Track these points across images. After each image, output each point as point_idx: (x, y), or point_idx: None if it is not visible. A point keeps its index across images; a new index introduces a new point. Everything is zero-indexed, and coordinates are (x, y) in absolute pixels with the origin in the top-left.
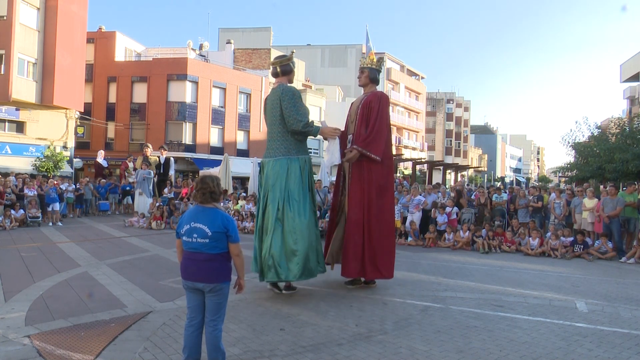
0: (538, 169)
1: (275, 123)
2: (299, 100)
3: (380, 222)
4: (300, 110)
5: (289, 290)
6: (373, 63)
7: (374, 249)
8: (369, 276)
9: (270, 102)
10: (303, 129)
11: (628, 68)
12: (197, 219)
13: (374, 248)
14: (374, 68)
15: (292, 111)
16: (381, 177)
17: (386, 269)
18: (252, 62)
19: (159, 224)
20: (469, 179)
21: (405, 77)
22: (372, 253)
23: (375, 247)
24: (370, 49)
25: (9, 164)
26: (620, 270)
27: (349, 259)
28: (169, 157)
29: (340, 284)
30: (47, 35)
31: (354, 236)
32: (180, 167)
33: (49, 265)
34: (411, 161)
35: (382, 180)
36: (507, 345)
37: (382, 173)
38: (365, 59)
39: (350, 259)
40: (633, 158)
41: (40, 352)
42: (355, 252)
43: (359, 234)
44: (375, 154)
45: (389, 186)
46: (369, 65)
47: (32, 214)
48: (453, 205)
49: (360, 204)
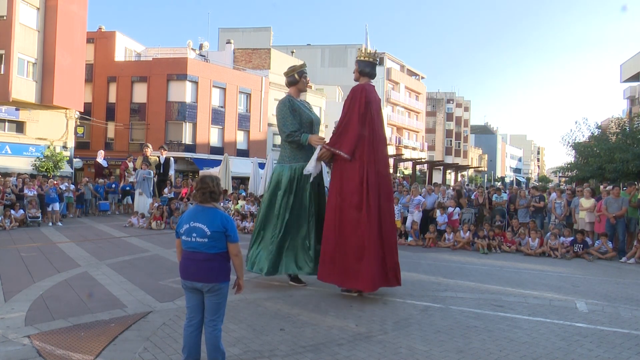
0: (538, 169)
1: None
2: (287, 112)
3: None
4: (287, 122)
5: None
6: (362, 55)
7: (346, 254)
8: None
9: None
10: (286, 139)
11: (628, 68)
12: (196, 218)
13: (345, 253)
14: (363, 60)
15: (280, 123)
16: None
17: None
18: (252, 62)
19: (159, 224)
20: (469, 179)
21: (405, 77)
22: (341, 257)
23: (346, 252)
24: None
25: (9, 164)
26: (620, 270)
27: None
28: (169, 157)
29: None
30: (47, 35)
31: (327, 239)
32: (180, 167)
33: (49, 265)
34: (411, 161)
35: None
36: (507, 345)
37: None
38: (360, 53)
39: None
40: (633, 158)
41: (40, 352)
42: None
43: (331, 237)
44: (344, 151)
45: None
46: (359, 58)
47: (32, 214)
48: (455, 205)
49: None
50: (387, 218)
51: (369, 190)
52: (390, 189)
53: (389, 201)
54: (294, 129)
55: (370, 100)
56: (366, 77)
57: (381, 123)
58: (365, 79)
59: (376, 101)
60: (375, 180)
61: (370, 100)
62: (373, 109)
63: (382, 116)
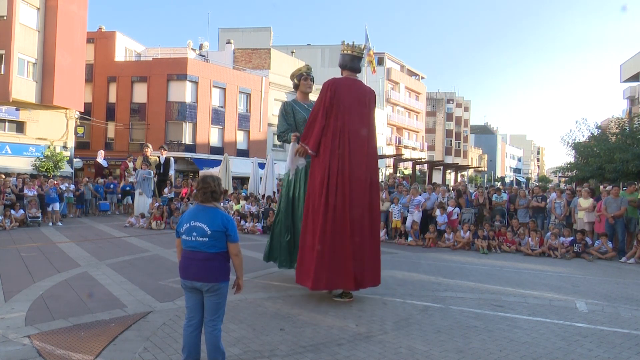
0: (538, 169)
1: None
2: (280, 115)
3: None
4: (279, 124)
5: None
6: (343, 48)
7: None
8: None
9: None
10: (278, 140)
11: (628, 68)
12: (197, 217)
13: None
14: (343, 54)
15: (277, 125)
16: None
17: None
18: (252, 62)
19: (159, 224)
20: (469, 179)
21: (405, 77)
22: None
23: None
24: (369, 49)
25: (9, 164)
26: (620, 270)
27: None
28: (169, 157)
29: None
30: (47, 35)
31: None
32: (180, 167)
33: (49, 265)
34: (411, 161)
35: None
36: (507, 345)
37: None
38: (342, 46)
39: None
40: (633, 158)
41: (40, 352)
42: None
43: (300, 238)
44: (309, 146)
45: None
46: (340, 52)
47: (32, 214)
48: (455, 205)
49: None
50: (357, 223)
51: (328, 190)
52: (362, 192)
53: (360, 207)
54: (282, 130)
55: (338, 93)
56: (346, 70)
57: (362, 118)
58: (347, 72)
59: (353, 95)
60: (341, 181)
61: (340, 93)
62: (344, 103)
63: (365, 111)
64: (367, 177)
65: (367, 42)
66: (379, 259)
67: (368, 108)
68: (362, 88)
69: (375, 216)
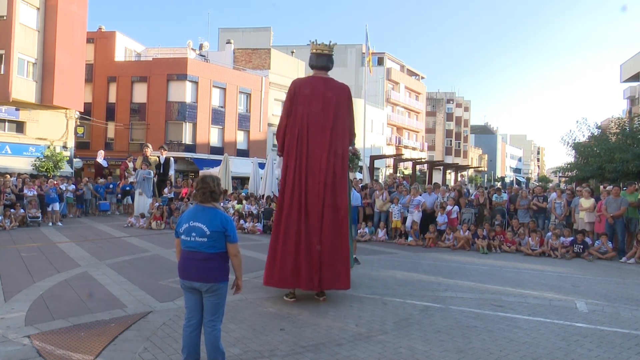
0: (538, 169)
1: None
2: None
3: None
4: None
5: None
6: (311, 47)
7: None
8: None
9: None
10: None
11: (628, 68)
12: (196, 218)
13: None
14: (311, 53)
15: None
16: None
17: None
18: (252, 62)
19: (159, 224)
20: (469, 179)
21: (405, 77)
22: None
23: None
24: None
25: (9, 164)
26: (620, 270)
27: None
28: (169, 157)
29: None
30: (47, 35)
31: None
32: (180, 167)
33: (49, 265)
34: (411, 161)
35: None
36: (507, 345)
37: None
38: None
39: None
40: (633, 158)
41: (40, 352)
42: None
43: None
44: (278, 148)
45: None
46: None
47: (32, 214)
48: (454, 204)
49: None
50: (314, 221)
51: (285, 189)
52: (320, 192)
53: (317, 206)
54: None
55: (297, 93)
56: (314, 69)
57: (325, 116)
58: (315, 71)
59: (315, 93)
60: (298, 179)
61: (299, 93)
62: (303, 102)
63: (329, 109)
64: (328, 176)
65: (367, 42)
66: (345, 260)
67: (334, 106)
68: (327, 85)
69: (341, 217)
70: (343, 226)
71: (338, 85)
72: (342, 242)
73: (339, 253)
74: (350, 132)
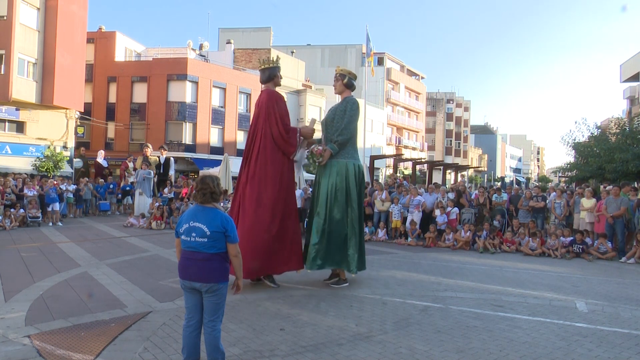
0: (538, 169)
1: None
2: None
3: None
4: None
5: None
6: (261, 63)
7: None
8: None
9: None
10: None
11: (628, 68)
12: (196, 218)
13: None
14: (261, 68)
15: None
16: None
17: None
18: (252, 62)
19: (159, 224)
20: (469, 179)
21: (405, 77)
22: None
23: None
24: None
25: (9, 164)
26: (620, 270)
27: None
28: (169, 157)
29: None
30: (47, 35)
31: None
32: (180, 167)
33: (49, 265)
34: (411, 161)
35: None
36: (507, 345)
37: None
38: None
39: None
40: (633, 158)
41: (40, 352)
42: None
43: None
44: None
45: None
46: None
47: (32, 214)
48: (453, 205)
49: None
50: (248, 215)
51: (238, 187)
52: (253, 192)
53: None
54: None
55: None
56: (264, 84)
57: (257, 123)
58: (266, 85)
59: (258, 104)
60: (245, 180)
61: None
62: (256, 113)
63: (259, 115)
64: (256, 173)
65: (368, 43)
66: (257, 254)
67: (259, 110)
68: (260, 96)
69: (261, 211)
70: (262, 220)
71: (263, 92)
72: (259, 235)
73: (255, 244)
74: (275, 132)
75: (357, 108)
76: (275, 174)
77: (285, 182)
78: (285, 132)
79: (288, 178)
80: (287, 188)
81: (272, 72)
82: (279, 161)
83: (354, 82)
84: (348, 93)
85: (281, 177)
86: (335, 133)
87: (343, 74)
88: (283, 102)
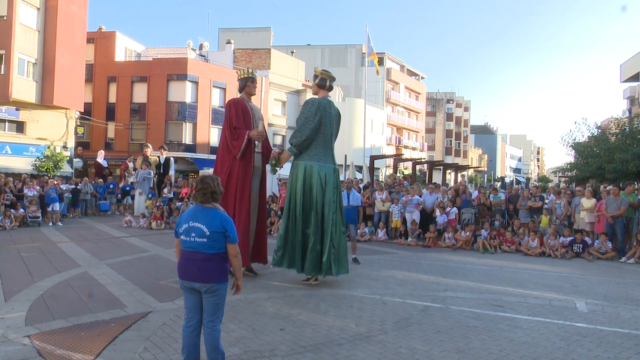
0: (538, 169)
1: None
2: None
3: None
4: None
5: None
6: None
7: None
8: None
9: (336, 114)
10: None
11: (628, 68)
12: (196, 218)
13: None
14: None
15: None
16: None
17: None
18: (252, 62)
19: (159, 224)
20: (469, 179)
21: (405, 77)
22: None
23: None
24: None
25: (9, 164)
26: (620, 270)
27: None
28: (169, 157)
29: (340, 284)
30: (47, 35)
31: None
32: (180, 167)
33: (49, 265)
34: (411, 161)
35: None
36: (507, 345)
37: None
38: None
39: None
40: (633, 158)
41: (40, 352)
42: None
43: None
44: None
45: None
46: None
47: (32, 214)
48: (453, 205)
49: None
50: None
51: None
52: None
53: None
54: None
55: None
56: (239, 93)
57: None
58: (241, 94)
59: (228, 108)
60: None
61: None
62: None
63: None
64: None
65: (369, 43)
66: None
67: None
68: (239, 103)
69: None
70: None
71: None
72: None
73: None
74: (228, 135)
75: (311, 109)
76: (225, 172)
77: (234, 179)
78: (230, 135)
79: (238, 177)
80: (240, 187)
81: (241, 82)
82: (228, 161)
83: (329, 82)
84: (324, 93)
85: (229, 175)
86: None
87: (316, 74)
88: (236, 107)
